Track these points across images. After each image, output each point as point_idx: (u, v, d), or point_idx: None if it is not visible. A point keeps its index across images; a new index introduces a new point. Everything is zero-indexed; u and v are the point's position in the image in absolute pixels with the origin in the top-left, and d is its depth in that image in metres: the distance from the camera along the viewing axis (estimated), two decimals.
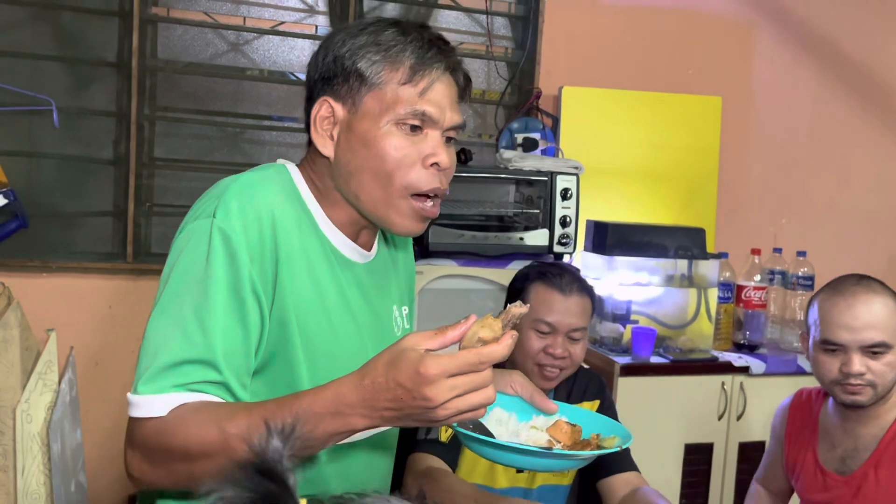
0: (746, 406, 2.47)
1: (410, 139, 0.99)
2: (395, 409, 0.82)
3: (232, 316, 0.92)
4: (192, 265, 0.93)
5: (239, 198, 0.95)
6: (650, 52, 2.88)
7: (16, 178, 2.29)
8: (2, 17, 2.33)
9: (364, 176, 0.99)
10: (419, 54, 0.99)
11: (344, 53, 1.00)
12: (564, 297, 1.55)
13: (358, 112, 0.99)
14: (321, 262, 1.01)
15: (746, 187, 3.05)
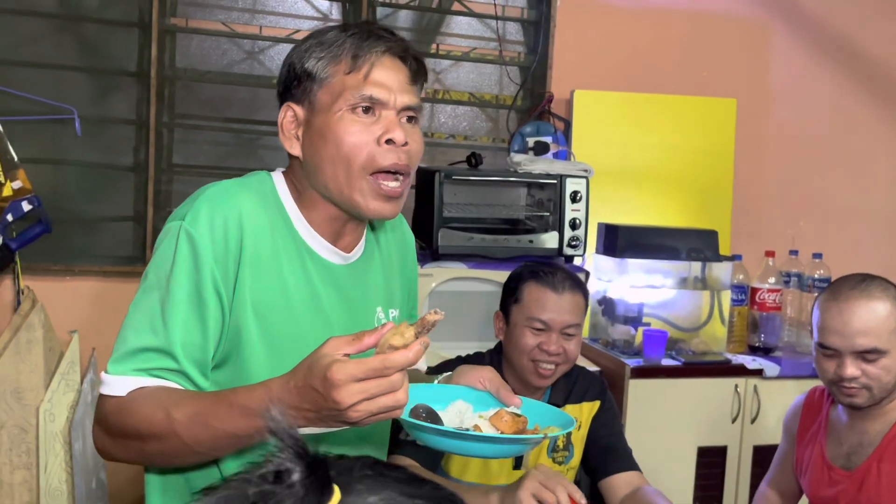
0: (760, 409, 2.46)
1: (363, 122, 1.04)
2: (314, 410, 0.87)
3: (191, 311, 1.00)
4: (163, 263, 1.02)
5: (209, 203, 1.02)
6: (663, 55, 2.88)
7: (40, 185, 2.36)
8: (27, 29, 2.41)
9: (326, 165, 1.04)
10: (357, 44, 1.05)
11: (295, 61, 1.08)
12: (557, 295, 1.58)
13: (314, 109, 1.06)
14: (294, 264, 1.07)
15: (762, 190, 3.03)
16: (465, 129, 2.83)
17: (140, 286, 1.04)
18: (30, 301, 2.29)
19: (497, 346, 1.70)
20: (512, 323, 1.63)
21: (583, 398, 1.66)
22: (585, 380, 1.70)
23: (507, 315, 1.65)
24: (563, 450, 1.62)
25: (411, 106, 1.06)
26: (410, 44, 1.09)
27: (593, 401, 1.67)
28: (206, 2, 2.57)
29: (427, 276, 2.21)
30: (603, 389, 1.70)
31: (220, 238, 1.01)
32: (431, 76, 2.79)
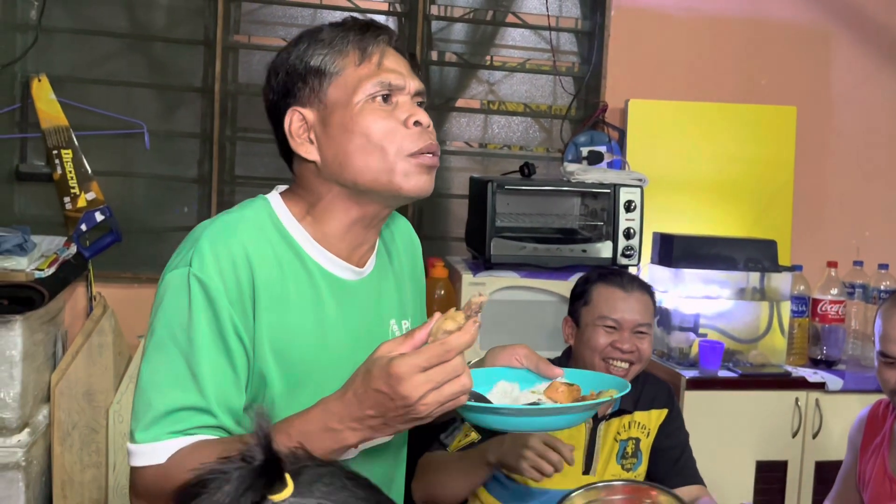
0: (823, 423, 2.39)
1: (385, 110, 1.01)
2: (379, 415, 0.85)
3: (219, 360, 0.95)
4: (175, 314, 0.95)
5: (212, 243, 0.96)
6: (719, 63, 2.85)
7: (111, 196, 2.48)
8: (100, 48, 2.54)
9: (357, 158, 1.00)
10: (360, 36, 1.02)
11: (293, 62, 1.02)
12: (626, 294, 1.60)
13: (327, 107, 1.01)
14: (304, 290, 1.01)
15: (824, 199, 2.96)
16: (518, 139, 2.84)
17: (148, 345, 0.97)
18: (101, 307, 2.40)
19: (564, 353, 1.71)
20: (583, 325, 1.64)
21: (651, 405, 1.67)
22: (653, 386, 1.70)
23: (577, 318, 1.67)
24: (631, 456, 1.62)
25: (421, 91, 1.05)
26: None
27: (661, 408, 1.67)
28: (267, 19, 2.67)
29: (479, 284, 2.23)
30: (671, 397, 1.70)
31: (231, 280, 0.96)
32: (485, 87, 2.83)
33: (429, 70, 2.74)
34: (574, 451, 1.53)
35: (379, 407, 0.85)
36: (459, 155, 2.83)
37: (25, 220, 2.44)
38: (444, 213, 2.78)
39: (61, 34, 2.49)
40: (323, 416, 0.88)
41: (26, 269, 2.07)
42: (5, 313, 2.00)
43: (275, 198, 1.05)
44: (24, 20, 2.46)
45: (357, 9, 2.68)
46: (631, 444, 1.63)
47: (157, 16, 2.58)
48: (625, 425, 1.63)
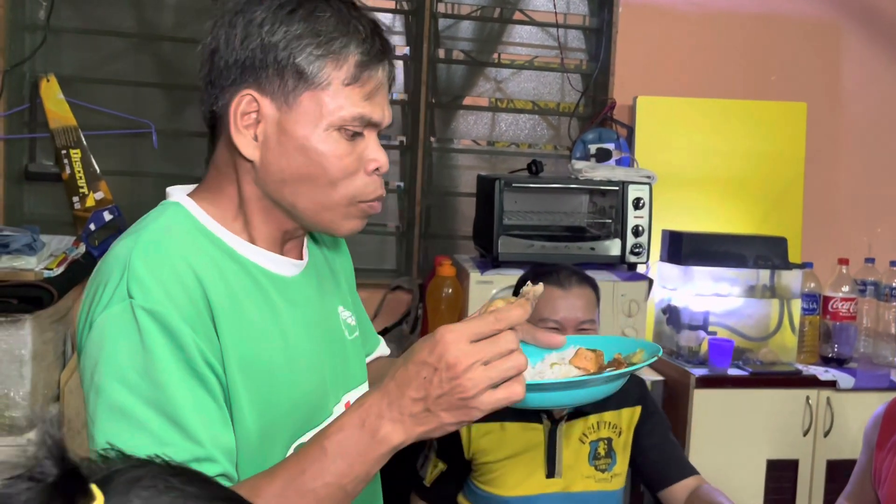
0: (834, 422, 2.37)
1: (351, 145, 0.88)
2: (422, 398, 0.75)
3: (199, 396, 0.80)
4: (125, 360, 0.78)
5: (149, 265, 0.81)
6: (728, 59, 2.83)
7: (120, 196, 2.49)
8: (108, 48, 2.55)
9: (302, 185, 0.88)
10: (364, 49, 0.87)
11: (276, 43, 0.85)
12: (565, 292, 1.50)
13: (292, 112, 0.86)
14: (254, 296, 0.88)
15: (835, 196, 2.93)
16: (526, 137, 2.83)
17: (97, 403, 0.78)
18: None
19: None
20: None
21: (621, 403, 1.60)
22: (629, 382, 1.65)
23: None
24: (605, 457, 1.58)
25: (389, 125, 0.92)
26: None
27: (634, 405, 1.61)
28: None
29: (487, 283, 2.22)
30: (643, 393, 1.64)
31: (184, 301, 0.81)
32: (493, 85, 2.82)
33: (436, 68, 2.74)
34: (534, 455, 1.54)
35: (423, 385, 0.74)
36: (467, 153, 2.82)
37: (35, 219, 2.46)
38: (451, 212, 2.78)
39: (69, 34, 2.50)
40: (359, 413, 0.77)
41: (35, 268, 2.08)
42: (15, 312, 2.00)
43: (188, 202, 0.90)
44: (33, 20, 2.47)
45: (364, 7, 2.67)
46: (602, 444, 1.57)
47: (164, 15, 2.59)
48: (592, 426, 1.58)
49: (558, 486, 1.55)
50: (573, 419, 1.58)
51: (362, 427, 0.76)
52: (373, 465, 0.77)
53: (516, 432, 1.55)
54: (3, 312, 1.99)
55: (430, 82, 2.68)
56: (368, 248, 2.72)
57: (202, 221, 0.89)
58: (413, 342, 2.61)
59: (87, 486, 0.46)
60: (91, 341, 0.80)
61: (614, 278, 2.30)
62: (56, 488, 0.45)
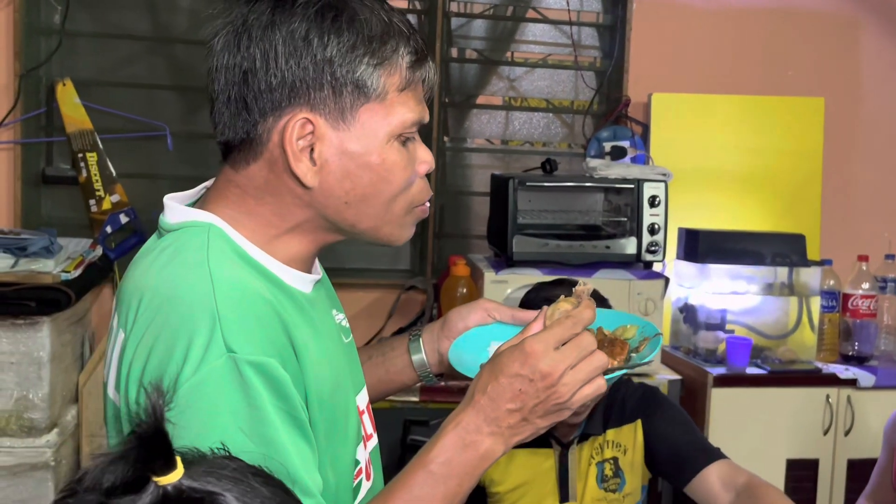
0: (855, 420, 2.34)
1: (406, 154, 0.84)
2: (519, 407, 0.78)
3: (302, 447, 0.76)
4: (232, 419, 0.72)
5: (240, 312, 0.74)
6: (744, 55, 2.80)
7: (135, 198, 2.50)
8: (123, 51, 2.56)
9: (366, 204, 0.82)
10: (412, 49, 0.82)
11: (332, 58, 0.78)
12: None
13: (351, 130, 0.80)
14: (302, 327, 0.82)
15: (854, 191, 2.90)
16: (540, 135, 2.82)
17: None
18: None
19: None
20: None
21: (622, 421, 1.54)
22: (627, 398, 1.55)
23: None
24: (613, 477, 1.52)
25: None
26: None
27: (633, 422, 1.54)
28: None
29: (502, 282, 2.22)
30: (641, 404, 1.55)
31: (280, 346, 0.75)
32: (506, 83, 2.81)
33: (449, 67, 2.73)
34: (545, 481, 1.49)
35: (518, 396, 0.78)
36: (481, 152, 2.81)
37: (52, 222, 2.48)
38: (465, 211, 2.77)
39: (85, 38, 2.52)
40: (457, 433, 0.78)
41: (53, 271, 2.09)
42: (33, 315, 2.02)
43: (224, 225, 0.81)
44: (48, 25, 2.49)
45: None
46: (608, 465, 1.52)
47: (178, 18, 2.60)
48: (597, 448, 1.53)
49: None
50: (581, 442, 1.53)
51: (464, 446, 0.79)
52: (477, 479, 0.80)
53: (525, 459, 1.52)
54: (22, 315, 2.01)
55: (442, 82, 2.67)
56: (383, 249, 2.72)
57: (242, 246, 0.80)
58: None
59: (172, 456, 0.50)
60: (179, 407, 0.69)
61: (630, 277, 2.28)
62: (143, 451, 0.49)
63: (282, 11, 0.79)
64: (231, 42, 0.81)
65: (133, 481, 0.49)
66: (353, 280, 2.60)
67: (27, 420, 2.08)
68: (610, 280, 2.25)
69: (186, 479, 0.50)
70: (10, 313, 2.00)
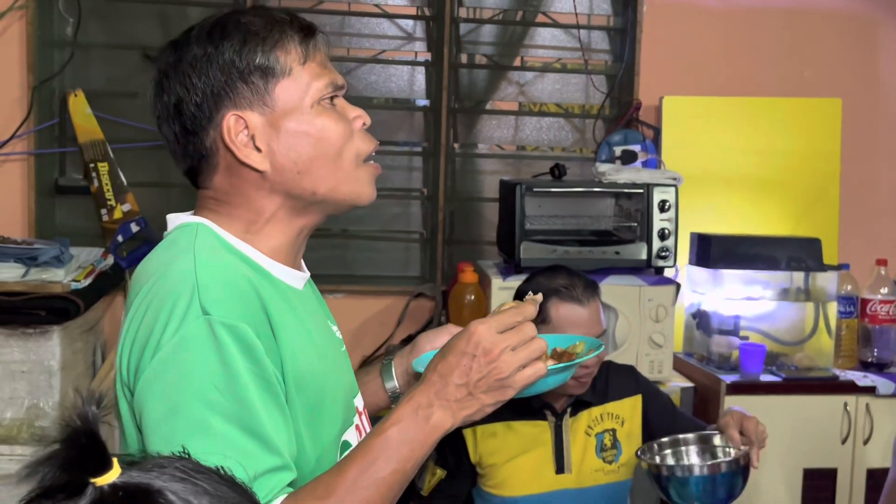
0: (874, 429, 2.29)
1: (335, 113, 0.94)
2: (464, 383, 0.86)
3: (274, 410, 0.84)
4: (207, 377, 0.80)
5: (218, 281, 0.83)
6: (758, 55, 2.76)
7: (146, 207, 2.52)
8: (134, 62, 2.58)
9: (316, 167, 0.92)
10: (296, 28, 0.93)
11: (230, 59, 0.89)
12: (584, 309, 1.56)
13: (276, 109, 0.91)
14: (286, 314, 0.90)
15: (873, 194, 2.84)
16: (551, 140, 2.80)
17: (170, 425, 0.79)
18: None
19: None
20: None
21: (622, 394, 1.66)
22: (618, 375, 1.70)
23: None
24: (611, 448, 1.63)
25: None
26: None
27: (634, 395, 1.67)
28: None
29: (509, 289, 2.19)
30: (637, 380, 1.71)
31: (254, 316, 0.84)
32: (516, 88, 2.79)
33: (458, 73, 2.72)
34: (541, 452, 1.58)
35: (463, 372, 0.86)
36: (490, 158, 2.79)
37: (65, 232, 2.50)
38: (475, 217, 2.75)
39: (96, 49, 2.55)
40: (410, 405, 0.87)
41: (63, 280, 2.11)
42: (43, 324, 2.04)
43: (211, 224, 0.92)
44: (61, 36, 2.52)
45: (385, 14, 2.67)
46: (608, 435, 1.63)
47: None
48: (596, 418, 1.63)
49: (570, 483, 1.58)
50: (577, 412, 1.61)
51: (416, 416, 0.86)
52: (428, 449, 0.87)
53: (521, 430, 1.59)
54: (32, 324, 2.03)
55: (451, 87, 2.66)
56: (392, 256, 2.72)
57: (227, 239, 0.91)
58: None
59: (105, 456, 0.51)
60: (162, 362, 0.80)
61: (641, 283, 2.25)
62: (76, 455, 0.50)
63: (182, 46, 0.93)
64: (157, 90, 0.94)
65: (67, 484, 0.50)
66: (363, 287, 2.60)
67: (38, 428, 2.10)
68: (620, 286, 2.22)
69: (125, 478, 0.51)
70: (21, 322, 2.03)
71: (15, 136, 2.42)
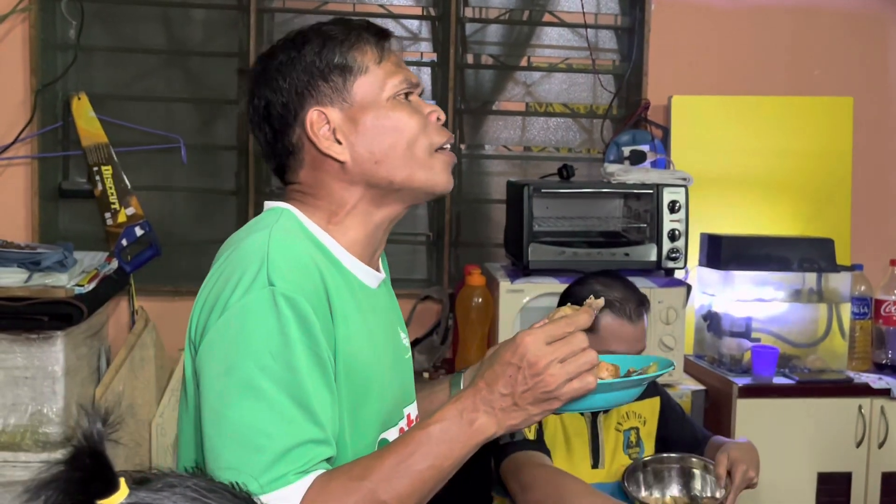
0: (889, 432, 2.25)
1: (410, 107, 1.02)
2: (509, 393, 0.87)
3: (322, 385, 0.89)
4: (264, 343, 0.86)
5: (286, 257, 0.90)
6: (768, 54, 2.72)
7: (150, 211, 2.50)
8: (137, 65, 2.57)
9: (392, 156, 0.99)
10: (371, 32, 1.02)
11: (312, 61, 0.99)
12: (633, 326, 1.55)
13: (354, 104, 1.00)
14: (350, 303, 0.97)
15: (885, 193, 2.80)
16: (558, 140, 2.77)
17: (222, 387, 0.86)
18: (143, 321, 2.42)
19: None
20: None
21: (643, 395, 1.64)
22: None
23: None
24: (635, 445, 1.65)
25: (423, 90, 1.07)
26: None
27: (653, 397, 1.67)
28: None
29: (518, 291, 2.17)
30: (655, 383, 1.69)
31: (313, 294, 0.90)
32: (523, 88, 2.76)
33: (464, 73, 2.69)
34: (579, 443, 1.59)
35: (508, 382, 0.87)
36: (498, 159, 2.77)
37: (69, 236, 2.49)
38: (483, 219, 2.72)
39: (100, 52, 2.53)
40: (456, 407, 0.89)
41: (66, 285, 2.09)
42: (46, 329, 2.02)
43: (295, 210, 1.00)
44: (64, 39, 2.50)
45: (390, 14, 2.65)
46: (633, 433, 1.64)
47: (192, 30, 2.60)
48: (623, 415, 1.64)
49: (602, 477, 1.58)
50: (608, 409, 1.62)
51: (461, 418, 0.88)
52: (468, 451, 0.89)
53: (565, 419, 1.60)
54: (35, 330, 2.01)
55: (457, 88, 2.63)
56: (399, 258, 2.69)
57: (309, 228, 0.99)
58: (443, 353, 2.53)
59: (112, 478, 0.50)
60: (226, 324, 0.87)
61: (651, 285, 2.21)
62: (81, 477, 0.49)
63: (269, 56, 1.03)
64: (249, 97, 1.04)
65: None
66: None
67: (42, 435, 2.08)
68: None
69: (132, 498, 0.50)
70: (24, 328, 2.01)
71: (18, 140, 2.40)
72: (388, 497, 0.85)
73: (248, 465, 0.83)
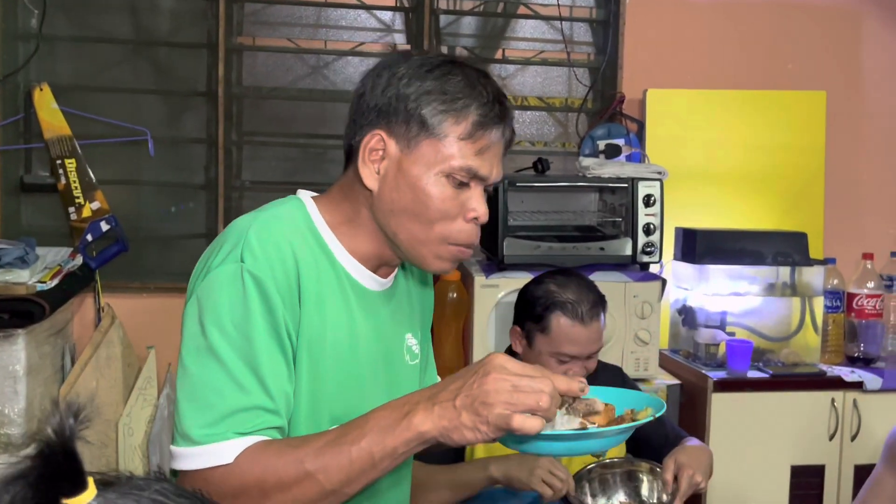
0: (862, 425, 2.26)
1: (456, 192, 0.99)
2: (454, 394, 0.87)
3: (277, 359, 0.94)
4: (228, 312, 0.93)
5: (260, 239, 0.95)
6: (742, 48, 2.72)
7: (116, 205, 2.44)
8: (102, 55, 2.50)
9: (406, 218, 1.00)
10: (483, 111, 0.99)
11: (409, 94, 0.99)
12: (587, 328, 1.53)
13: (411, 154, 0.99)
14: (336, 298, 1.01)
15: (858, 187, 2.81)
16: (533, 134, 2.75)
17: (194, 346, 0.94)
18: (109, 318, 2.36)
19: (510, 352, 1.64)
20: (536, 348, 1.59)
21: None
22: (606, 373, 1.67)
23: (530, 339, 1.59)
24: None
25: (499, 180, 1.04)
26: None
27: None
28: (271, 19, 2.60)
29: (492, 286, 2.14)
30: (625, 381, 1.70)
31: (281, 275, 0.95)
32: (498, 82, 2.73)
33: None
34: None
35: (459, 383, 0.87)
36: None
37: (32, 231, 2.41)
38: None
39: (63, 42, 2.46)
40: (405, 399, 0.90)
41: (28, 281, 2.03)
42: (6, 328, 1.96)
43: (308, 201, 1.04)
44: (26, 29, 2.43)
45: (363, 5, 2.60)
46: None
47: (159, 20, 2.53)
48: None
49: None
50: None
51: (401, 409, 0.89)
52: (403, 445, 0.88)
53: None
54: None
55: None
56: None
57: (314, 220, 1.03)
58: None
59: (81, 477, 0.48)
60: (203, 288, 0.95)
61: (626, 279, 2.20)
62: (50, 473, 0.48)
63: (401, 60, 1.02)
64: (367, 74, 1.05)
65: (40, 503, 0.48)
66: None
67: (4, 436, 2.02)
68: (605, 283, 2.15)
69: (100, 500, 0.49)
70: None
71: None
72: (313, 468, 0.88)
73: (197, 417, 0.91)
